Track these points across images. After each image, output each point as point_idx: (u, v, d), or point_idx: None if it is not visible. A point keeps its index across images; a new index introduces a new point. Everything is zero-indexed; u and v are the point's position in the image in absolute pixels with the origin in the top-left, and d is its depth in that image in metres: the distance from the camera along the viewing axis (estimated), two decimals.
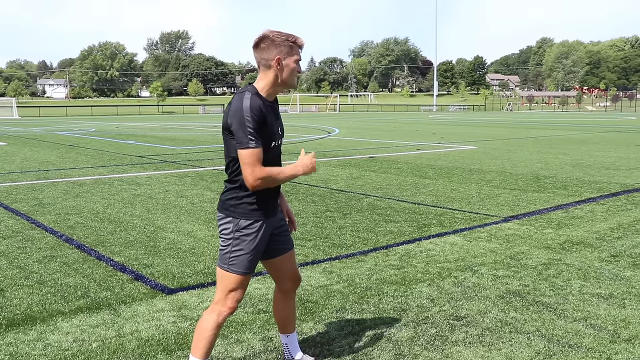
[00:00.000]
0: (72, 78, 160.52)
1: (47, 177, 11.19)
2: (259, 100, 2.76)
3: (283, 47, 2.79)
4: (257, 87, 2.85)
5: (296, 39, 2.84)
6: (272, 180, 2.76)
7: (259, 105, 2.73)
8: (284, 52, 2.80)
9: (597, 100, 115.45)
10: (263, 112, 2.73)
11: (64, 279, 4.93)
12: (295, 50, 2.84)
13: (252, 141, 2.69)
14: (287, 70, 2.83)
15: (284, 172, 2.80)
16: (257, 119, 2.70)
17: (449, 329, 3.85)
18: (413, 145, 18.95)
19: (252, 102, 2.73)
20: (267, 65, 2.81)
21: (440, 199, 8.68)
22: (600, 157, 15.02)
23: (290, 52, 2.82)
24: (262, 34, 2.82)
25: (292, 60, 2.83)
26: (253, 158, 2.70)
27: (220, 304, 2.90)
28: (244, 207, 2.84)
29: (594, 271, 5.10)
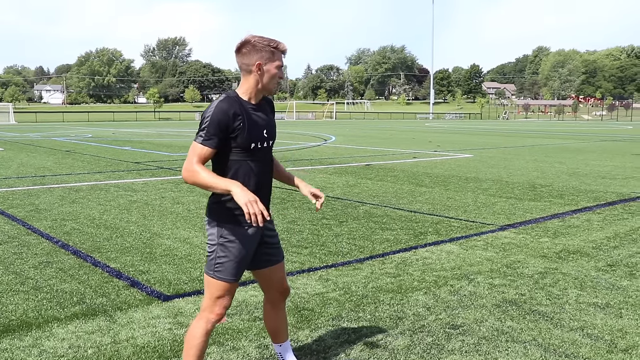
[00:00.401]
0: (69, 84, 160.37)
1: (43, 183, 11.16)
2: (232, 102, 2.76)
3: (264, 53, 2.78)
4: (238, 91, 2.86)
5: (278, 44, 2.82)
6: (199, 180, 2.68)
7: (227, 108, 2.72)
8: (265, 58, 2.79)
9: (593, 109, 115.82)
10: (229, 115, 2.72)
11: (60, 285, 4.91)
12: (277, 55, 2.82)
13: (200, 137, 2.73)
14: (268, 76, 2.82)
15: (215, 179, 2.67)
16: (218, 120, 2.70)
17: (445, 337, 3.84)
18: (409, 153, 18.98)
19: (221, 103, 2.75)
20: (248, 70, 2.81)
21: (437, 207, 8.69)
22: (596, 166, 15.07)
23: (272, 57, 2.80)
24: (244, 39, 2.81)
25: (273, 66, 2.81)
26: (194, 151, 2.73)
27: (208, 310, 2.89)
28: (228, 212, 2.82)
29: (591, 280, 5.10)
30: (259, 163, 2.87)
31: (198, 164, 2.72)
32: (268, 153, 2.95)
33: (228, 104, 2.75)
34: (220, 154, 2.79)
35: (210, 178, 2.68)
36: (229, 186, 2.64)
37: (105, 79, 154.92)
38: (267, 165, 2.94)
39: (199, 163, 2.72)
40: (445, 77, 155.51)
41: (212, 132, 2.71)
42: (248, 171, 2.83)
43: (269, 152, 2.95)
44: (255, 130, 2.81)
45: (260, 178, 2.89)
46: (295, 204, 8.84)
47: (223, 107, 2.73)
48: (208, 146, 2.72)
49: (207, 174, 2.70)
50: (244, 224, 2.84)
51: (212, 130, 2.71)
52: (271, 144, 2.96)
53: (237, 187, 2.63)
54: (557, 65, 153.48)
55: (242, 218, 2.82)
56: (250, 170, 2.83)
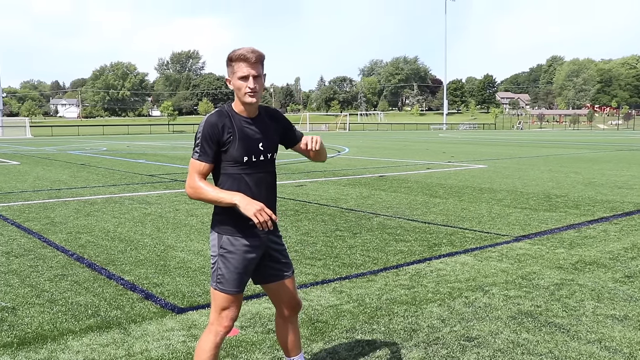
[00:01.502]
0: (84, 98, 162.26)
1: (58, 196, 11.26)
2: (221, 116, 2.79)
3: (228, 68, 2.81)
4: (233, 104, 2.88)
5: (232, 54, 2.77)
6: (202, 194, 2.74)
7: (215, 122, 2.75)
8: (229, 72, 2.81)
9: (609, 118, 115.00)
10: (218, 129, 2.75)
11: (75, 297, 4.94)
12: (236, 67, 2.75)
13: (196, 153, 2.78)
14: (236, 90, 2.80)
15: (219, 193, 2.73)
16: (207, 134, 2.74)
17: (460, 350, 3.81)
18: (423, 164, 18.93)
19: (210, 117, 2.78)
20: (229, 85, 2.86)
21: (451, 218, 8.64)
22: (612, 175, 14.93)
23: (232, 70, 2.78)
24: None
25: (234, 78, 2.78)
26: (192, 168, 2.79)
27: (216, 323, 2.89)
28: (228, 223, 2.83)
29: (608, 292, 5.04)
30: (255, 176, 2.85)
31: (200, 179, 2.76)
32: (267, 166, 2.91)
33: (217, 117, 2.78)
34: (218, 167, 2.83)
35: (215, 193, 2.73)
36: (233, 199, 2.70)
37: (119, 92, 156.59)
38: (267, 178, 2.92)
39: (200, 178, 2.76)
40: (459, 88, 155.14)
41: (204, 147, 2.75)
42: (244, 185, 2.83)
43: (268, 165, 2.92)
44: (248, 144, 2.80)
45: (257, 190, 2.85)
46: (308, 215, 8.83)
47: (211, 120, 2.77)
48: (204, 161, 2.76)
49: (212, 189, 2.75)
50: (243, 235, 2.84)
51: (205, 145, 2.75)
52: (270, 157, 2.92)
53: (242, 200, 2.69)
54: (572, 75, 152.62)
55: (240, 229, 2.83)
56: (246, 184, 2.83)
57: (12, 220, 8.58)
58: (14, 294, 5.05)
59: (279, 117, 3.02)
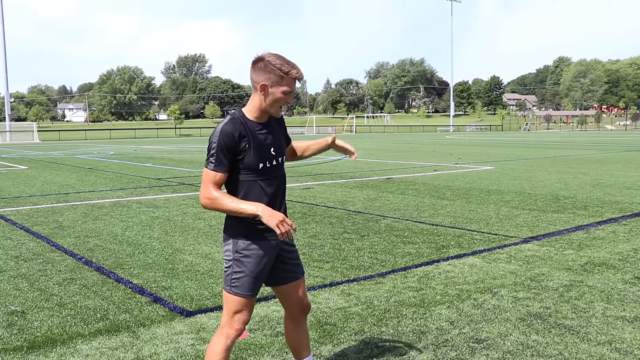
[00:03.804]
0: (91, 102, 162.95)
1: (66, 200, 11.30)
2: (236, 125, 2.76)
3: (273, 75, 2.74)
4: (245, 109, 2.85)
5: (290, 70, 2.74)
6: (220, 205, 2.72)
7: (231, 131, 2.73)
8: (271, 80, 2.75)
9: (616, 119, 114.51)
10: (235, 138, 2.72)
11: (84, 301, 4.95)
12: (285, 81, 2.75)
13: (211, 163, 2.74)
14: (271, 99, 2.78)
15: (238, 204, 2.71)
16: (223, 144, 2.71)
17: (469, 352, 3.80)
18: (430, 166, 18.89)
19: (225, 127, 2.74)
20: (255, 87, 2.81)
21: (459, 220, 8.62)
22: (621, 176, 14.85)
23: (280, 82, 2.75)
24: (260, 55, 2.79)
25: (279, 90, 2.76)
26: (207, 178, 2.75)
27: (227, 326, 2.89)
28: (242, 227, 2.82)
29: (618, 293, 5.01)
30: (269, 181, 2.86)
31: (216, 190, 2.74)
32: (279, 170, 2.93)
33: (232, 126, 2.75)
34: (230, 175, 2.81)
35: (235, 204, 2.72)
36: (255, 210, 2.69)
37: (126, 96, 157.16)
38: (278, 182, 2.94)
39: (215, 189, 2.74)
40: (465, 89, 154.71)
41: (220, 156, 2.73)
42: (259, 191, 2.83)
43: (279, 169, 2.94)
44: (262, 151, 2.81)
45: (273, 196, 2.88)
46: (316, 218, 8.83)
47: (228, 129, 2.74)
48: (219, 171, 2.74)
49: (230, 199, 2.73)
50: (258, 239, 2.84)
51: (221, 154, 2.73)
52: (281, 161, 2.94)
53: (264, 210, 2.69)
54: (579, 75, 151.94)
55: (255, 233, 2.83)
56: (261, 189, 2.83)
57: (21, 224, 8.62)
58: (23, 297, 5.07)
59: (281, 121, 3.05)
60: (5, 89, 63.36)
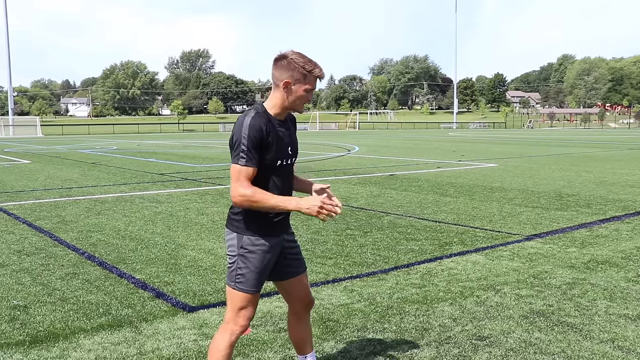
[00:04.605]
0: (94, 97, 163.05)
1: (69, 195, 11.32)
2: (262, 119, 2.74)
3: (296, 73, 2.74)
4: (266, 105, 2.83)
5: (313, 68, 2.76)
6: (256, 203, 2.69)
7: (260, 125, 2.71)
8: (295, 78, 2.75)
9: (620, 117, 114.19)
10: (263, 133, 2.71)
11: (86, 296, 4.96)
12: (308, 79, 2.76)
13: (242, 158, 2.70)
14: (294, 97, 2.78)
15: (276, 201, 2.69)
16: (254, 138, 2.69)
17: (472, 349, 3.79)
18: (433, 163, 18.87)
19: (253, 120, 2.72)
20: (277, 84, 2.79)
21: (462, 217, 8.61)
22: (624, 174, 14.82)
23: (303, 80, 2.76)
24: (284, 52, 2.79)
25: (302, 88, 2.77)
26: (240, 174, 2.71)
27: (232, 322, 2.88)
28: (248, 223, 2.81)
29: (621, 291, 5.00)
30: (282, 178, 2.87)
31: (248, 187, 2.70)
32: (290, 168, 2.95)
33: (260, 120, 2.73)
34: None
35: (273, 200, 2.69)
36: (295, 206, 2.67)
37: (130, 91, 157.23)
38: (289, 180, 2.95)
39: (248, 185, 2.70)
40: (469, 86, 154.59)
41: (252, 151, 2.70)
42: (273, 187, 2.82)
43: (291, 168, 2.96)
44: (281, 148, 2.81)
45: (284, 191, 2.88)
46: None
47: (256, 124, 2.71)
48: (252, 166, 2.71)
49: (269, 196, 2.70)
50: (263, 235, 2.84)
51: (252, 149, 2.70)
52: (294, 161, 2.95)
53: (303, 203, 2.66)
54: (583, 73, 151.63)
55: (261, 229, 2.83)
56: (275, 185, 2.83)
57: (24, 218, 8.63)
58: (25, 292, 5.08)
59: (295, 124, 3.05)
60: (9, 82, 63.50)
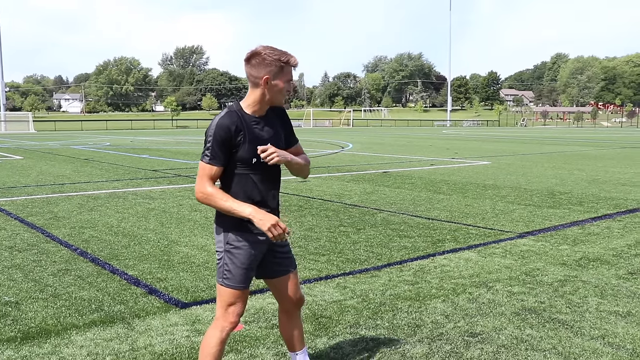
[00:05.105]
0: (87, 93, 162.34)
1: (62, 191, 11.28)
2: (233, 118, 2.74)
3: (273, 67, 2.74)
4: (243, 103, 2.83)
5: (288, 59, 2.77)
6: (213, 203, 2.72)
7: (228, 125, 2.71)
8: (273, 72, 2.75)
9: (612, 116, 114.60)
10: (231, 132, 2.71)
11: (79, 292, 4.95)
12: (286, 70, 2.78)
13: (207, 156, 2.74)
14: (275, 90, 2.79)
15: (232, 204, 2.70)
16: (219, 137, 2.70)
17: (464, 345, 3.81)
18: (427, 161, 18.91)
19: (222, 120, 2.74)
20: (255, 82, 2.78)
21: (455, 215, 8.63)
22: (616, 173, 14.89)
23: (281, 72, 2.76)
24: (254, 50, 2.78)
25: (281, 81, 2.78)
26: (203, 172, 2.75)
27: (222, 319, 2.89)
28: (233, 220, 2.81)
29: (611, 288, 5.03)
30: (262, 176, 2.85)
31: (211, 186, 2.74)
32: (273, 165, 2.89)
33: (229, 119, 2.74)
34: (225, 167, 2.80)
35: (228, 203, 2.71)
36: (247, 213, 2.69)
37: (123, 87, 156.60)
38: (273, 177, 2.92)
39: (210, 184, 2.74)
40: (463, 84, 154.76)
41: (216, 150, 2.72)
42: (251, 184, 2.83)
43: (274, 165, 2.90)
44: (257, 145, 2.79)
45: (265, 190, 2.87)
46: (312, 211, 8.83)
47: (224, 123, 2.73)
48: (215, 165, 2.74)
49: (225, 198, 2.73)
50: (249, 231, 2.83)
51: (217, 148, 2.72)
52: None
53: (256, 213, 2.69)
54: (576, 72, 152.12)
55: (246, 225, 2.82)
56: (253, 183, 2.83)
57: (16, 214, 8.60)
58: (17, 288, 5.06)
59: (285, 117, 3.01)
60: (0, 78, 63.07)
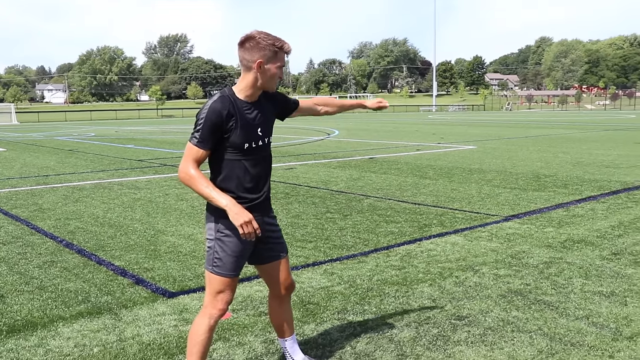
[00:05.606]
0: (70, 83, 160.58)
1: (46, 183, 11.18)
2: (225, 103, 2.74)
3: (267, 52, 2.74)
4: (235, 88, 2.83)
5: (282, 44, 2.78)
6: (194, 186, 2.71)
7: (220, 109, 2.70)
8: (266, 57, 2.75)
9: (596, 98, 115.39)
10: (223, 117, 2.70)
11: (65, 284, 4.92)
12: (279, 56, 2.78)
13: (195, 139, 2.74)
14: (268, 75, 2.79)
15: (211, 191, 2.69)
16: (210, 121, 2.69)
17: (451, 328, 3.84)
18: (413, 146, 18.95)
19: (214, 104, 2.73)
20: (248, 66, 2.78)
21: (441, 199, 8.67)
22: (600, 155, 15.02)
23: (274, 57, 2.77)
24: (249, 34, 2.77)
25: (274, 66, 2.78)
26: (189, 152, 2.75)
27: (210, 306, 2.88)
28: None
29: (596, 269, 5.09)
30: (254, 161, 2.85)
31: (195, 168, 2.73)
32: (265, 150, 2.92)
33: (222, 104, 2.73)
34: (215, 152, 2.79)
35: (207, 190, 2.70)
36: (224, 204, 2.68)
37: (107, 77, 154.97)
38: (264, 163, 2.92)
39: (195, 166, 2.73)
40: (448, 69, 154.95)
41: (206, 133, 2.71)
42: (243, 170, 2.82)
43: (266, 149, 2.93)
44: (248, 131, 2.79)
45: (256, 176, 2.87)
46: (299, 198, 8.83)
47: (217, 107, 2.71)
48: (203, 148, 2.73)
49: (206, 184, 2.71)
50: None
51: (206, 131, 2.71)
52: (267, 141, 2.92)
53: (232, 207, 2.67)
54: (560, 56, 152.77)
55: None
56: (244, 169, 2.82)
57: (0, 207, 8.51)
58: (2, 281, 5.02)
59: (274, 96, 3.01)
60: None
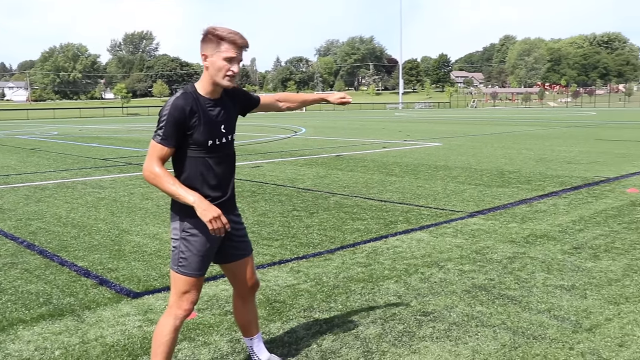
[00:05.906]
0: (32, 80, 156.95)
1: (7, 182, 10.92)
2: (188, 99, 2.70)
3: (210, 44, 2.69)
4: (197, 85, 2.80)
5: (225, 35, 2.66)
6: (160, 184, 2.68)
7: (183, 106, 2.67)
8: (210, 49, 2.69)
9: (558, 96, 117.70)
10: (185, 114, 2.67)
11: (25, 286, 4.81)
12: (223, 47, 2.67)
13: (158, 136, 2.70)
14: (214, 68, 2.70)
15: (178, 189, 2.66)
16: (173, 117, 2.66)
17: (417, 324, 3.87)
18: (379, 143, 19.05)
19: (177, 100, 2.69)
20: (204, 62, 2.76)
21: (407, 196, 8.74)
22: (562, 151, 15.33)
23: (217, 48, 2.67)
24: (204, 29, 2.74)
25: (219, 57, 2.68)
26: (153, 150, 2.71)
27: (175, 306, 2.85)
28: (190, 206, 2.74)
29: (557, 263, 5.19)
30: (218, 159, 2.82)
31: (160, 166, 2.69)
32: (228, 147, 2.89)
33: (184, 100, 2.69)
34: (178, 150, 2.75)
35: (174, 188, 2.66)
36: (191, 201, 2.65)
37: (70, 75, 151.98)
38: (228, 160, 2.90)
39: (160, 164, 2.69)
40: (414, 67, 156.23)
41: (169, 130, 2.67)
42: (207, 167, 2.79)
43: (229, 147, 2.90)
44: (211, 128, 2.76)
45: (220, 173, 2.84)
46: (265, 196, 8.80)
47: (179, 104, 2.68)
48: (167, 145, 2.69)
49: (172, 182, 2.67)
50: None
51: (170, 128, 2.67)
52: (230, 138, 2.90)
53: (200, 203, 2.64)
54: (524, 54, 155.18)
55: None
56: (208, 166, 2.79)
57: None
58: None
59: (235, 92, 2.96)
60: None
